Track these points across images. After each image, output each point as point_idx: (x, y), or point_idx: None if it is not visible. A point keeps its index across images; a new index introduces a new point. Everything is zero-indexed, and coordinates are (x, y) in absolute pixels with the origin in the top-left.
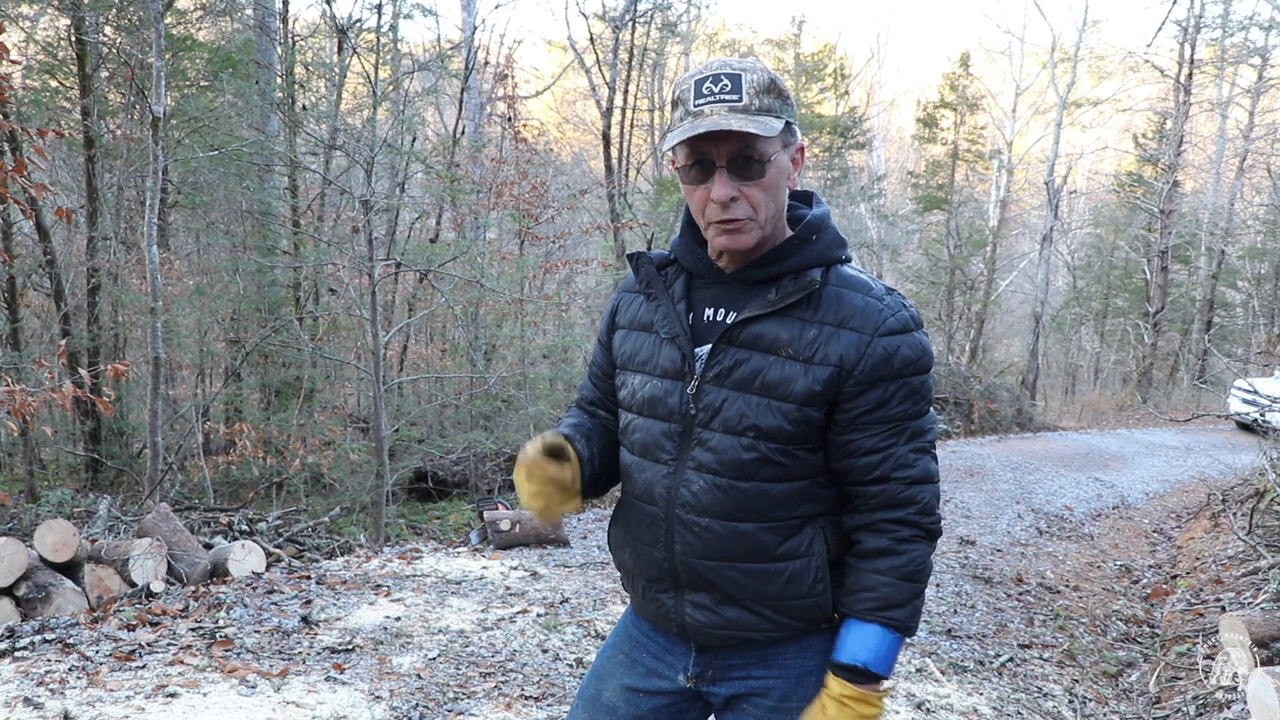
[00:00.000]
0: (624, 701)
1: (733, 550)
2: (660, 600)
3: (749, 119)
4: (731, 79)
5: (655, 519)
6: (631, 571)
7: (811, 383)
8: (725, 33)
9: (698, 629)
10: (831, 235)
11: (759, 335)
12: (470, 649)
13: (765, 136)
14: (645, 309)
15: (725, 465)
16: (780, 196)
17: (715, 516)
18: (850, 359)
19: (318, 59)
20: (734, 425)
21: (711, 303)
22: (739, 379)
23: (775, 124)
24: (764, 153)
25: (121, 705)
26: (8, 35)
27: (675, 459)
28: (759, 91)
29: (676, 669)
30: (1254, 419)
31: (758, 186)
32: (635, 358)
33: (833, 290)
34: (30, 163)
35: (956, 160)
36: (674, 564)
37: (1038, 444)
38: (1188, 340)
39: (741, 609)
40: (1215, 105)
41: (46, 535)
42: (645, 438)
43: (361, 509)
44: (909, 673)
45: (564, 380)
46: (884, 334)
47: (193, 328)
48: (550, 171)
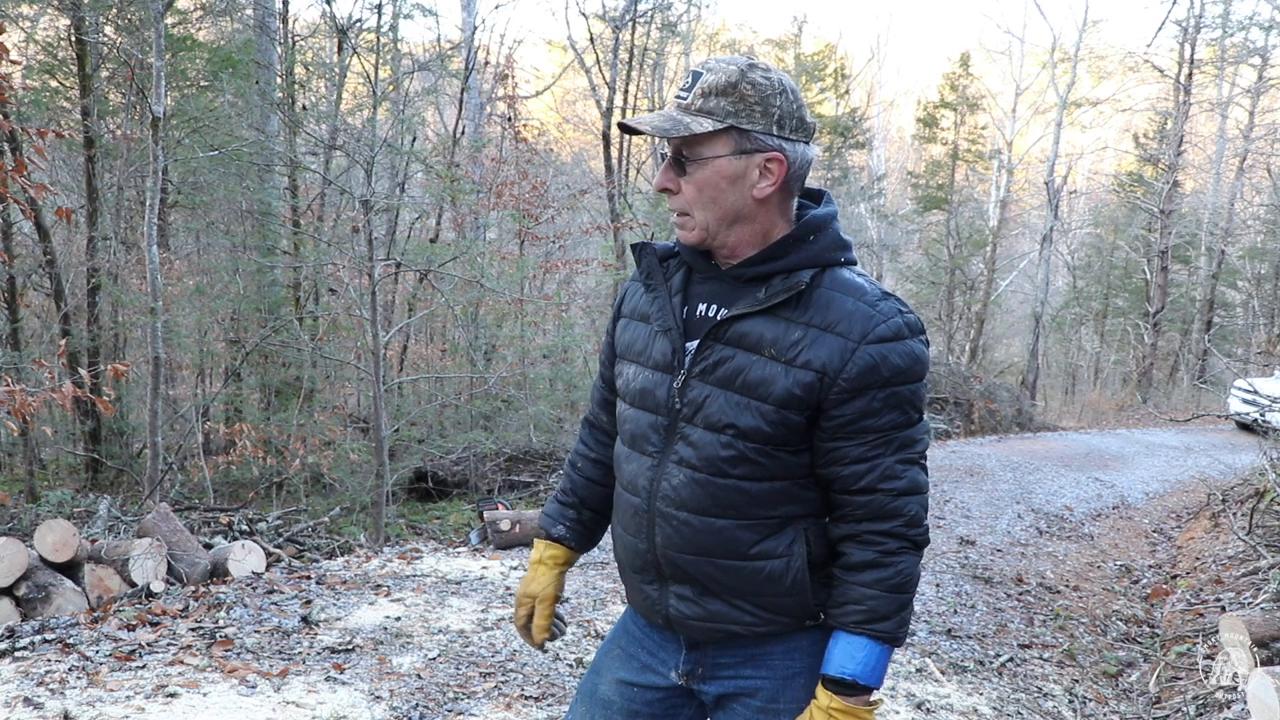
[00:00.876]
0: (619, 695)
1: (709, 545)
2: (646, 591)
3: (672, 119)
4: (694, 76)
5: (639, 510)
6: (622, 562)
7: (791, 385)
8: (725, 33)
9: (682, 621)
10: (831, 237)
11: (744, 334)
12: (470, 649)
13: (693, 136)
14: (644, 300)
15: (704, 461)
16: (725, 201)
17: (693, 511)
18: (834, 365)
19: (318, 59)
20: (714, 422)
21: (706, 298)
22: (722, 376)
23: (701, 124)
24: (696, 152)
25: (121, 705)
26: (8, 35)
27: (659, 452)
28: (708, 93)
29: (669, 666)
30: (1254, 419)
31: (690, 184)
32: (632, 347)
33: (825, 293)
34: (30, 163)
35: (956, 160)
36: (656, 556)
37: (1038, 444)
38: (1188, 340)
39: (723, 602)
40: (1215, 105)
41: (46, 535)
42: (634, 429)
43: (361, 509)
44: (909, 673)
45: (564, 380)
46: (872, 341)
47: (193, 328)
48: (550, 171)
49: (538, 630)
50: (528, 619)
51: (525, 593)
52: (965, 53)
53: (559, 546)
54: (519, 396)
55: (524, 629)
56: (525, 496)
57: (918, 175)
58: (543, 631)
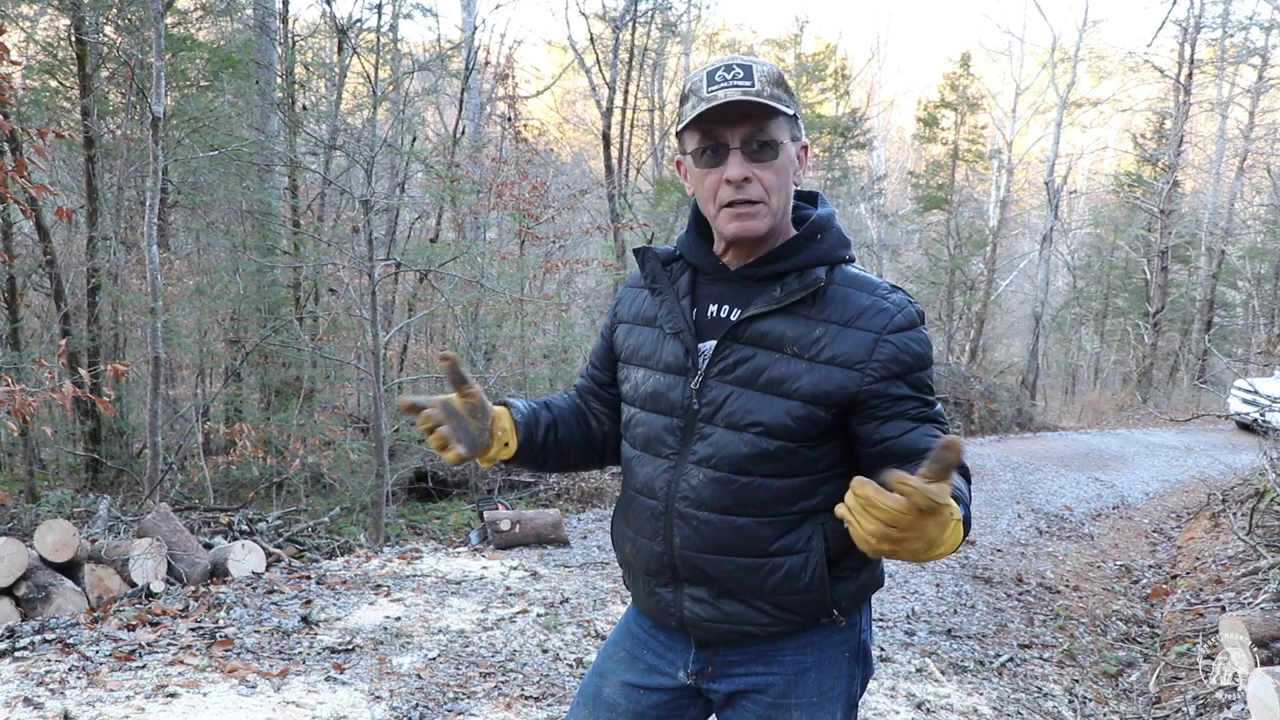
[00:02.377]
0: (624, 698)
1: (730, 544)
2: (660, 594)
3: (761, 103)
4: (744, 68)
5: (655, 513)
6: (632, 566)
7: (819, 380)
8: (725, 33)
9: (696, 623)
10: (836, 235)
11: (765, 333)
12: (470, 649)
13: (778, 120)
14: (649, 304)
15: (725, 460)
16: (789, 186)
17: (713, 510)
18: (860, 357)
19: (318, 59)
20: (736, 421)
21: (716, 299)
22: (743, 375)
23: (787, 107)
24: (776, 136)
25: (121, 705)
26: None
27: (677, 453)
28: (769, 82)
29: (677, 666)
30: (1254, 419)
31: (770, 169)
32: (639, 352)
33: (838, 289)
34: (30, 163)
35: (956, 160)
36: (673, 557)
37: (1038, 444)
38: (1188, 340)
39: (740, 603)
40: (1215, 105)
41: (46, 535)
42: (647, 432)
43: (361, 509)
44: (909, 673)
45: (564, 380)
46: (892, 331)
47: (193, 328)
48: (550, 171)
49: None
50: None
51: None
52: (965, 53)
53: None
54: (519, 397)
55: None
56: (525, 496)
57: (918, 175)
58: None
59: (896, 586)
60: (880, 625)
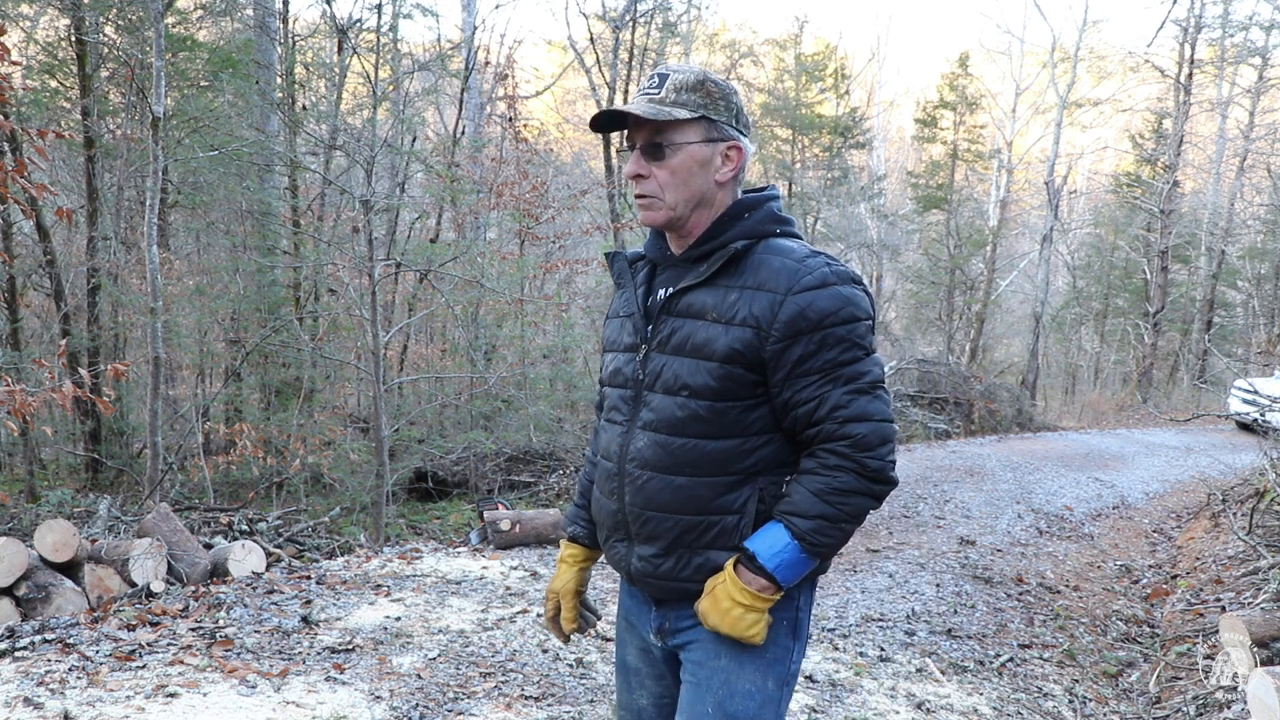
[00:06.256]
0: (640, 661)
1: (670, 502)
2: (617, 549)
3: (654, 108)
4: (661, 76)
5: (611, 473)
6: (599, 523)
7: (732, 341)
8: (725, 33)
9: (640, 576)
10: (765, 213)
11: (690, 304)
12: (470, 649)
13: (680, 125)
14: (618, 298)
15: (663, 423)
16: (693, 183)
17: (655, 470)
18: (765, 317)
19: (318, 59)
20: (670, 386)
21: (664, 283)
22: (674, 344)
23: (681, 112)
24: (670, 139)
25: (121, 705)
26: (8, 35)
27: (628, 420)
28: (680, 89)
29: (647, 627)
30: (1254, 419)
31: (665, 168)
32: (610, 340)
33: (757, 257)
34: (30, 163)
35: (956, 160)
36: (625, 514)
37: (1038, 444)
38: (1188, 340)
39: (677, 560)
40: (1215, 105)
41: (46, 535)
42: (609, 403)
43: (361, 509)
44: (909, 673)
45: (564, 380)
46: (797, 291)
47: (193, 328)
48: (550, 171)
49: (565, 622)
50: (555, 613)
51: (550, 589)
52: (965, 53)
53: (576, 545)
54: (519, 396)
55: (553, 621)
56: (525, 496)
57: (917, 175)
58: (570, 623)
59: (896, 586)
60: (880, 625)
